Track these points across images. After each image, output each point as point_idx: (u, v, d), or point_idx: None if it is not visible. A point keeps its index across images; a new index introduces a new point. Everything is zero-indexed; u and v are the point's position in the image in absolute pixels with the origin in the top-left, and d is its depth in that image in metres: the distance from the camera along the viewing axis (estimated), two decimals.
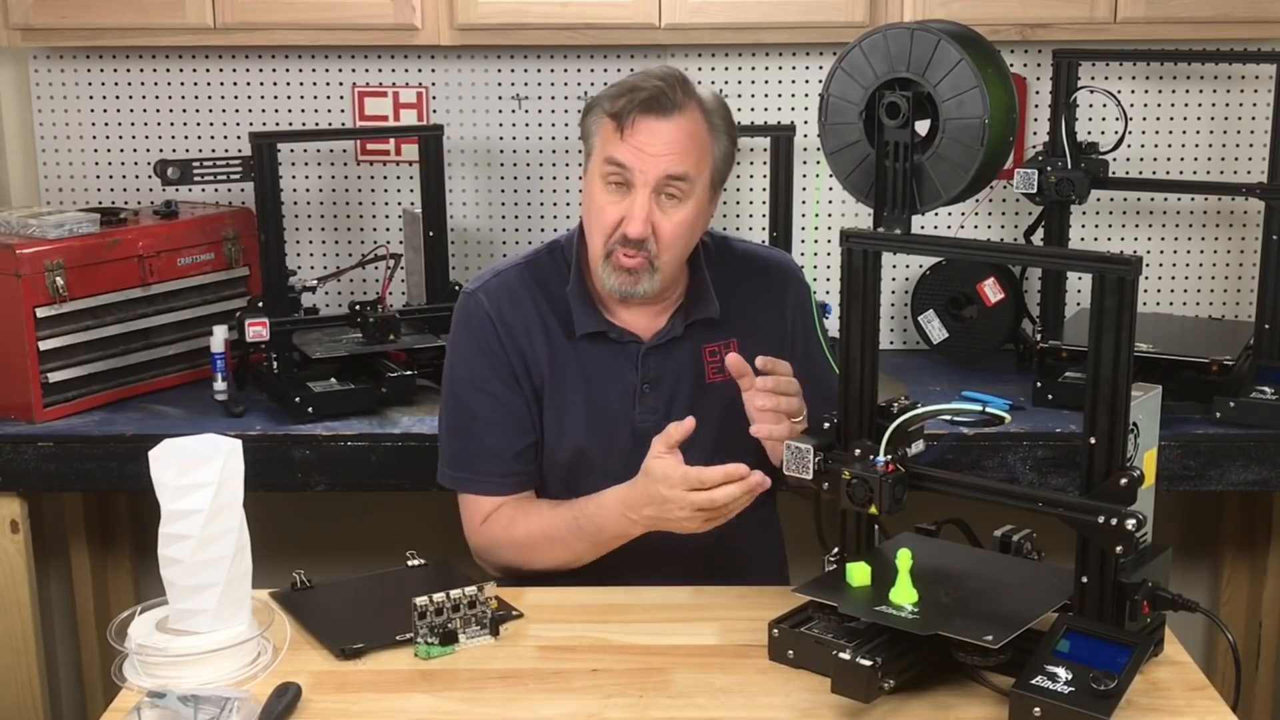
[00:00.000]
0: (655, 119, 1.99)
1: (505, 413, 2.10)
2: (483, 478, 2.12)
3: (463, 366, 2.13)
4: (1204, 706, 1.65)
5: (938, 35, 1.67)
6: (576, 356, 2.11)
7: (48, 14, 2.80)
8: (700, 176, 2.03)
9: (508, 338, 2.10)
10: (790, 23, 2.78)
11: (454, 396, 2.15)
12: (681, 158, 2.00)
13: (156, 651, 1.71)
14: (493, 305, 2.11)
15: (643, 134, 1.99)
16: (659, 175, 1.99)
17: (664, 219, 2.01)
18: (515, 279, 2.14)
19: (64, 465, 2.56)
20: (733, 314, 2.14)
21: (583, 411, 2.10)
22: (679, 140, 1.99)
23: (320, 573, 2.01)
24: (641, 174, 1.99)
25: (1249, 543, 3.14)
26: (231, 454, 1.72)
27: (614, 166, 2.00)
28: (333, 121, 3.09)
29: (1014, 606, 1.68)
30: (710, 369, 2.13)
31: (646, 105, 1.99)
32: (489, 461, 2.11)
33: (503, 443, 2.11)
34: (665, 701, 1.68)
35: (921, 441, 1.79)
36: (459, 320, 2.15)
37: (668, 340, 2.11)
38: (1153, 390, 1.74)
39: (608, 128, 2.02)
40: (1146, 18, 2.72)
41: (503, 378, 2.10)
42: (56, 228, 2.62)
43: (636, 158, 1.99)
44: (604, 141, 2.03)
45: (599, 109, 2.04)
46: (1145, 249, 3.08)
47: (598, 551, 2.04)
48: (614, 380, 2.10)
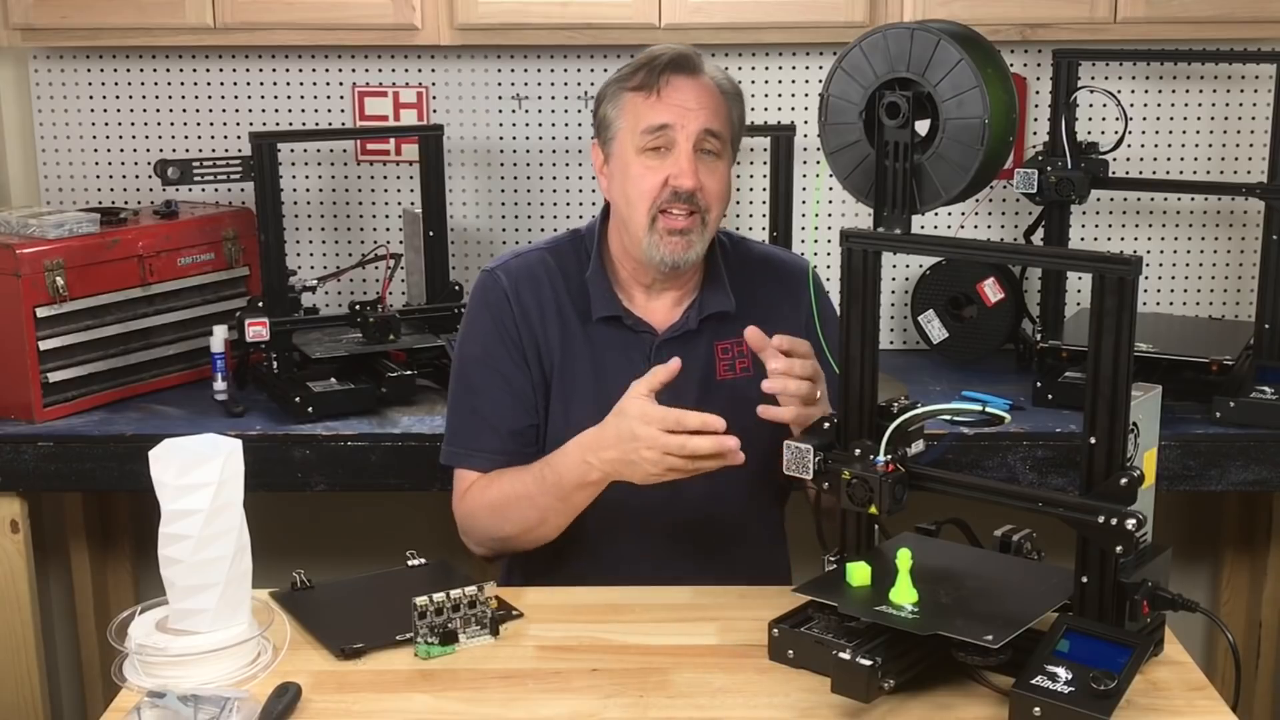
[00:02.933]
0: (686, 77, 2.04)
1: (510, 390, 2.11)
2: (479, 453, 2.12)
3: (474, 342, 2.14)
4: (1204, 706, 1.65)
5: (938, 35, 1.67)
6: (590, 343, 2.11)
7: (48, 14, 2.80)
8: (728, 138, 2.07)
9: (522, 318, 2.11)
10: (790, 23, 2.79)
11: (462, 373, 2.16)
12: (715, 113, 2.05)
13: (156, 651, 1.71)
14: (510, 285, 2.13)
15: (678, 92, 2.03)
16: (699, 128, 2.02)
17: (708, 174, 2.04)
18: (535, 262, 2.16)
19: (64, 465, 2.56)
20: (747, 312, 2.13)
21: (592, 399, 2.09)
22: (711, 97, 2.05)
23: (320, 573, 2.01)
24: (683, 129, 2.01)
25: (1249, 543, 3.14)
26: (231, 454, 1.72)
27: (654, 132, 2.02)
28: (333, 121, 3.09)
29: (1014, 606, 1.67)
30: (722, 365, 2.13)
31: (674, 66, 2.04)
32: (488, 437, 2.11)
33: (504, 420, 2.11)
34: (665, 701, 1.68)
35: (921, 441, 1.79)
36: (475, 297, 2.17)
37: (682, 333, 2.12)
38: (1153, 390, 1.74)
39: (636, 100, 2.04)
40: (1146, 18, 2.73)
41: (513, 356, 2.11)
42: (56, 228, 2.62)
43: (677, 114, 2.02)
44: (636, 114, 2.04)
45: (617, 90, 2.07)
46: (1145, 249, 3.09)
47: (563, 508, 2.00)
48: (625, 370, 2.09)
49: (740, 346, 2.11)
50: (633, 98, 2.05)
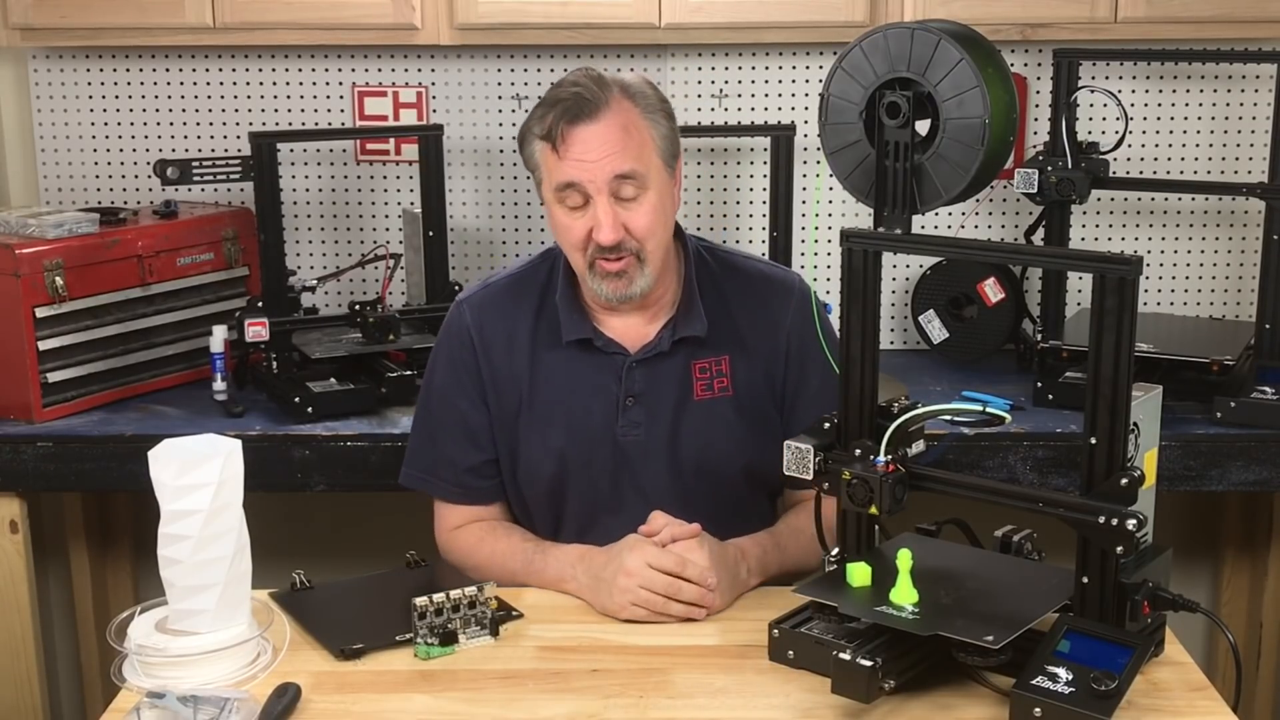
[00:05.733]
0: (584, 125, 1.95)
1: (466, 427, 2.12)
2: (438, 482, 2.15)
3: (437, 374, 2.17)
4: (1204, 707, 1.65)
5: (938, 35, 1.67)
6: (561, 366, 2.10)
7: (47, 14, 2.80)
8: (649, 165, 1.99)
9: (484, 353, 2.11)
10: (790, 22, 2.78)
11: (424, 400, 2.19)
12: (622, 155, 1.95)
13: (156, 652, 1.71)
14: (475, 319, 2.13)
15: (578, 145, 1.95)
16: (607, 178, 1.95)
17: (630, 215, 1.98)
18: (504, 289, 2.15)
19: (63, 465, 2.56)
20: (725, 331, 2.11)
21: (564, 423, 2.09)
22: (614, 139, 1.95)
23: (320, 573, 2.01)
24: (592, 183, 1.96)
25: (1249, 543, 3.14)
26: (231, 454, 1.72)
27: (565, 188, 1.97)
28: (333, 121, 3.09)
29: (1014, 607, 1.67)
30: (699, 385, 2.10)
31: (571, 115, 1.95)
32: (445, 469, 2.14)
33: (459, 454, 2.13)
34: (665, 701, 1.68)
35: (922, 441, 1.79)
36: (443, 329, 2.18)
37: (654, 355, 2.09)
38: (1153, 390, 1.74)
39: (545, 152, 1.99)
40: (1147, 17, 2.72)
41: (469, 394, 2.12)
42: (56, 228, 2.62)
43: (580, 170, 1.95)
44: (548, 168, 2.00)
45: (531, 136, 2.01)
46: (1145, 249, 3.08)
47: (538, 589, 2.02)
48: (597, 392, 2.09)
49: (718, 366, 2.10)
50: (543, 148, 1.99)
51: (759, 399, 2.11)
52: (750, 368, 2.11)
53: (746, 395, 2.10)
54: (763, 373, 2.11)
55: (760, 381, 2.11)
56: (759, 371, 2.11)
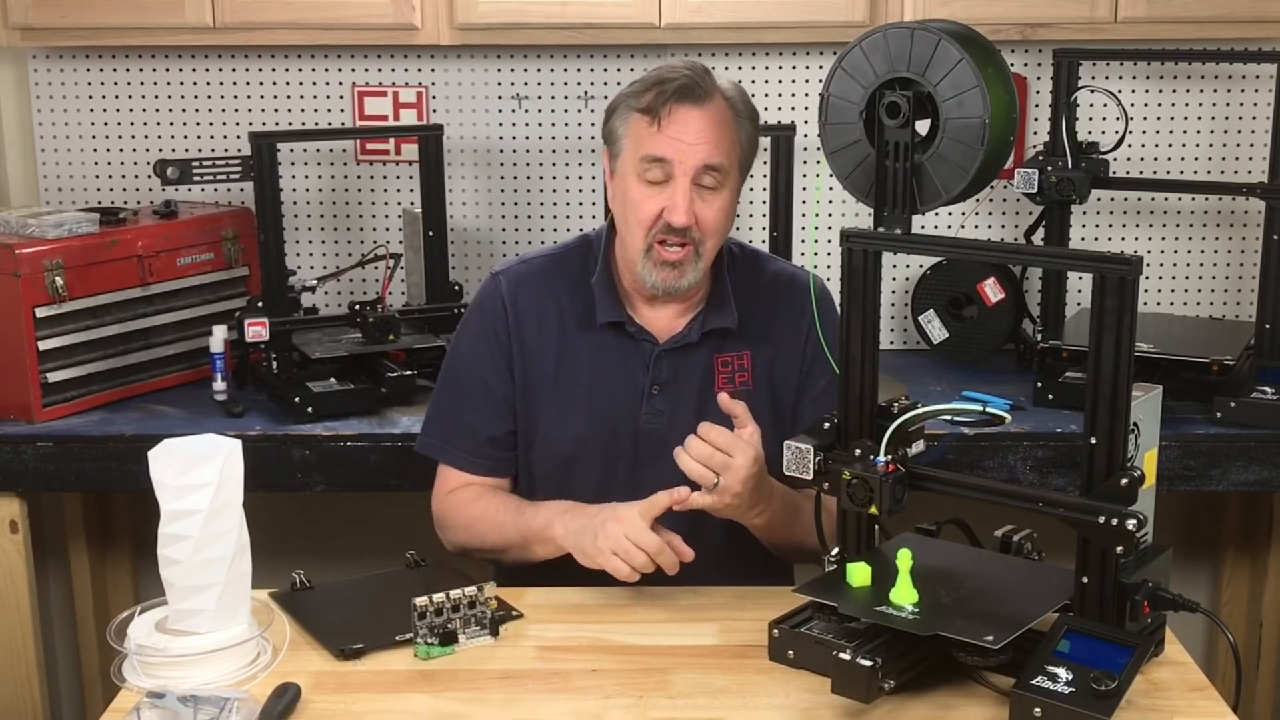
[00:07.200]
0: (690, 107, 2.00)
1: (491, 396, 2.14)
2: (455, 451, 2.16)
3: (465, 342, 2.18)
4: (1204, 707, 1.65)
5: (938, 35, 1.67)
6: (590, 349, 2.12)
7: (47, 14, 2.80)
8: (733, 165, 2.05)
9: (515, 326, 2.13)
10: (790, 22, 2.78)
11: (450, 368, 2.20)
12: (716, 146, 2.01)
13: (156, 652, 1.71)
14: (510, 291, 2.15)
15: (679, 123, 2.00)
16: (698, 164, 2.00)
17: (704, 207, 2.02)
18: (540, 268, 2.17)
19: (63, 465, 2.56)
20: (751, 327, 2.14)
21: (586, 405, 2.11)
22: (713, 129, 2.01)
23: (320, 573, 2.01)
24: (681, 164, 2.00)
25: (1249, 543, 3.14)
26: (231, 454, 1.72)
27: (652, 161, 2.01)
28: (332, 121, 3.08)
29: (1014, 607, 1.67)
30: (721, 378, 2.13)
31: (680, 94, 2.00)
32: (465, 437, 2.15)
33: (481, 423, 2.14)
34: (665, 702, 1.68)
35: (922, 441, 1.79)
36: (476, 299, 2.20)
37: (683, 345, 2.12)
38: (1153, 390, 1.74)
39: (640, 124, 2.02)
40: (1147, 17, 2.73)
41: (497, 364, 2.13)
42: (56, 227, 2.62)
43: (675, 148, 2.00)
44: (638, 139, 2.03)
45: (626, 107, 2.05)
46: (1145, 249, 3.08)
47: (521, 551, 2.06)
48: (624, 377, 2.11)
49: (740, 360, 2.13)
50: (638, 120, 2.03)
51: (776, 395, 2.14)
52: (770, 364, 2.14)
53: (765, 390, 2.13)
54: (782, 370, 2.15)
55: (779, 378, 2.14)
56: (779, 368, 2.14)
